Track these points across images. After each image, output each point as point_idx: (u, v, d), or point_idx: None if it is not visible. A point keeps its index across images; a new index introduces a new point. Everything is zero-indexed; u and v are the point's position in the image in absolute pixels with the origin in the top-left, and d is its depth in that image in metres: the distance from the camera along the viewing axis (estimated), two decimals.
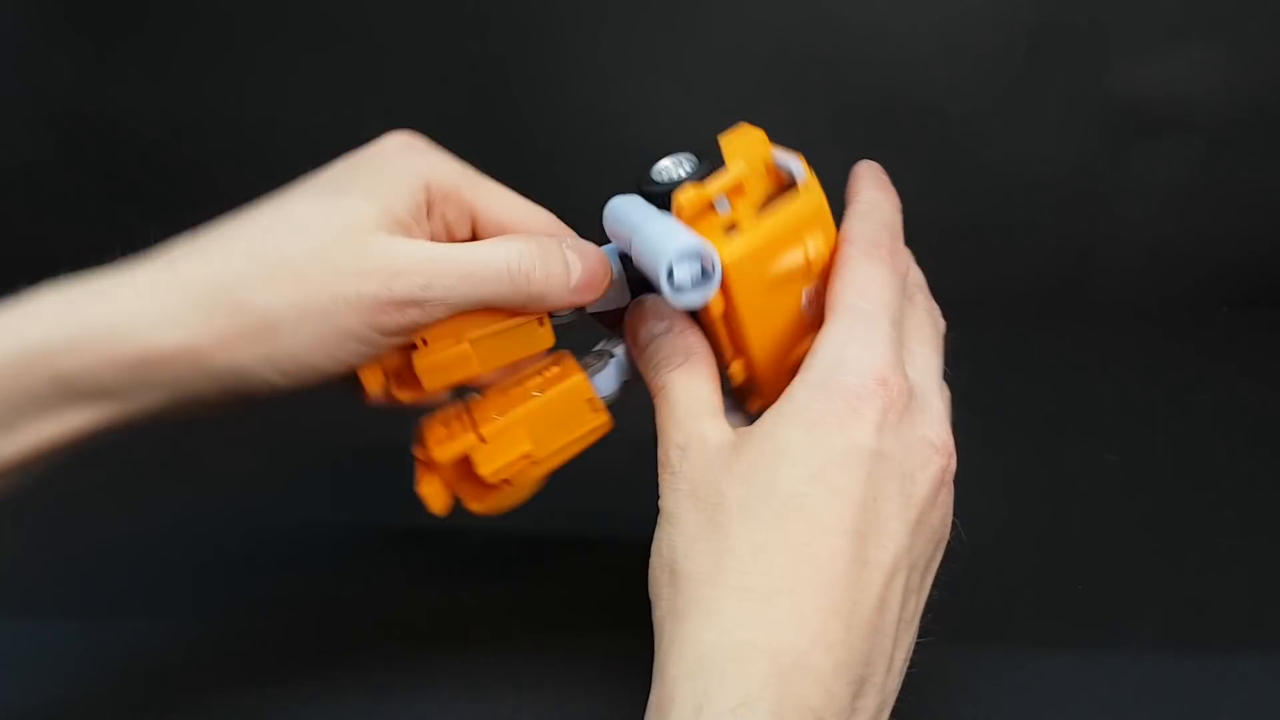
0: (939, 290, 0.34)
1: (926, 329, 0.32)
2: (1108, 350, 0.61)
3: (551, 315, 0.33)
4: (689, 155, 0.32)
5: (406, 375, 0.33)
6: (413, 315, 0.29)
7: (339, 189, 0.30)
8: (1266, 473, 0.48)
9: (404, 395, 0.33)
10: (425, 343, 0.32)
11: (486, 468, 0.32)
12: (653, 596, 0.28)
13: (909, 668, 0.29)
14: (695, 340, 0.31)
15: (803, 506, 0.26)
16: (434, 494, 0.34)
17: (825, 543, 0.26)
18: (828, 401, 0.27)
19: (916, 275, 0.34)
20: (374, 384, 0.32)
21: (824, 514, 0.26)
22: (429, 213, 0.32)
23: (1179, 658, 0.36)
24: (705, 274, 0.29)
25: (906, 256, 0.32)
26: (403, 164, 0.32)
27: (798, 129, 0.64)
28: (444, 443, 0.33)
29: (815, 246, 0.30)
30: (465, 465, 0.33)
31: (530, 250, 0.31)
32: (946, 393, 0.31)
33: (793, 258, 0.30)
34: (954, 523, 0.30)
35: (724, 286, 0.30)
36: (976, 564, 0.41)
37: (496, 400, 0.33)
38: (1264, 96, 0.61)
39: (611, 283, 0.33)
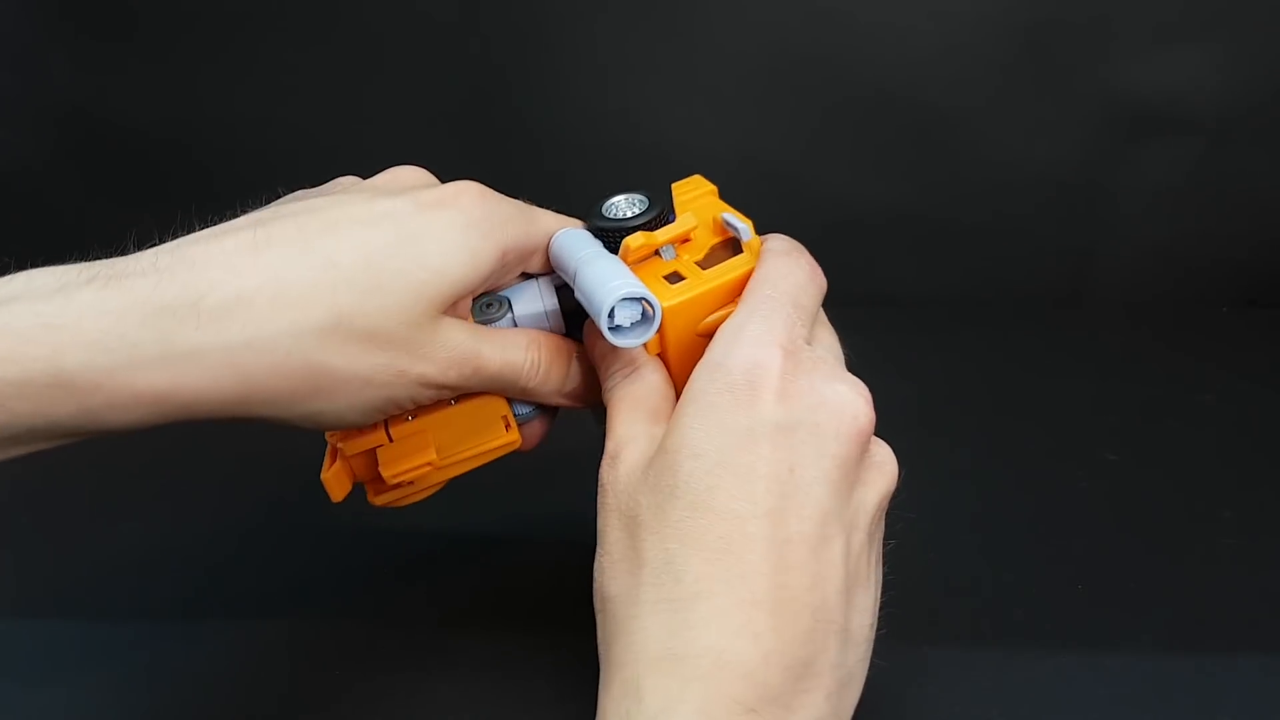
0: (939, 290, 0.34)
1: (823, 319, 0.32)
2: (1108, 350, 0.61)
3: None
4: (641, 196, 0.33)
5: (370, 472, 0.34)
6: (439, 395, 0.31)
7: (421, 244, 0.29)
8: (1266, 473, 0.48)
9: (378, 500, 0.35)
10: (391, 439, 0.33)
11: (388, 470, 0.33)
12: (598, 621, 0.28)
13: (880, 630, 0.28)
14: (641, 352, 0.31)
15: (711, 499, 0.25)
16: (337, 482, 0.34)
17: (739, 532, 0.25)
18: (724, 379, 0.27)
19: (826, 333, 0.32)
20: (339, 491, 0.34)
21: (733, 501, 0.25)
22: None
23: (1179, 658, 0.36)
24: (645, 317, 0.30)
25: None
26: (487, 233, 0.30)
27: (798, 129, 0.65)
28: (353, 436, 0.33)
29: None
30: (372, 458, 0.33)
31: (543, 360, 0.32)
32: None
33: (727, 314, 0.31)
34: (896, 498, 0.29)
35: (660, 329, 0.30)
36: (976, 564, 0.41)
37: None
38: (1264, 96, 0.61)
39: (548, 316, 0.34)
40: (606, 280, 0.29)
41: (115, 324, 0.25)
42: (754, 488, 0.25)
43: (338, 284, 0.27)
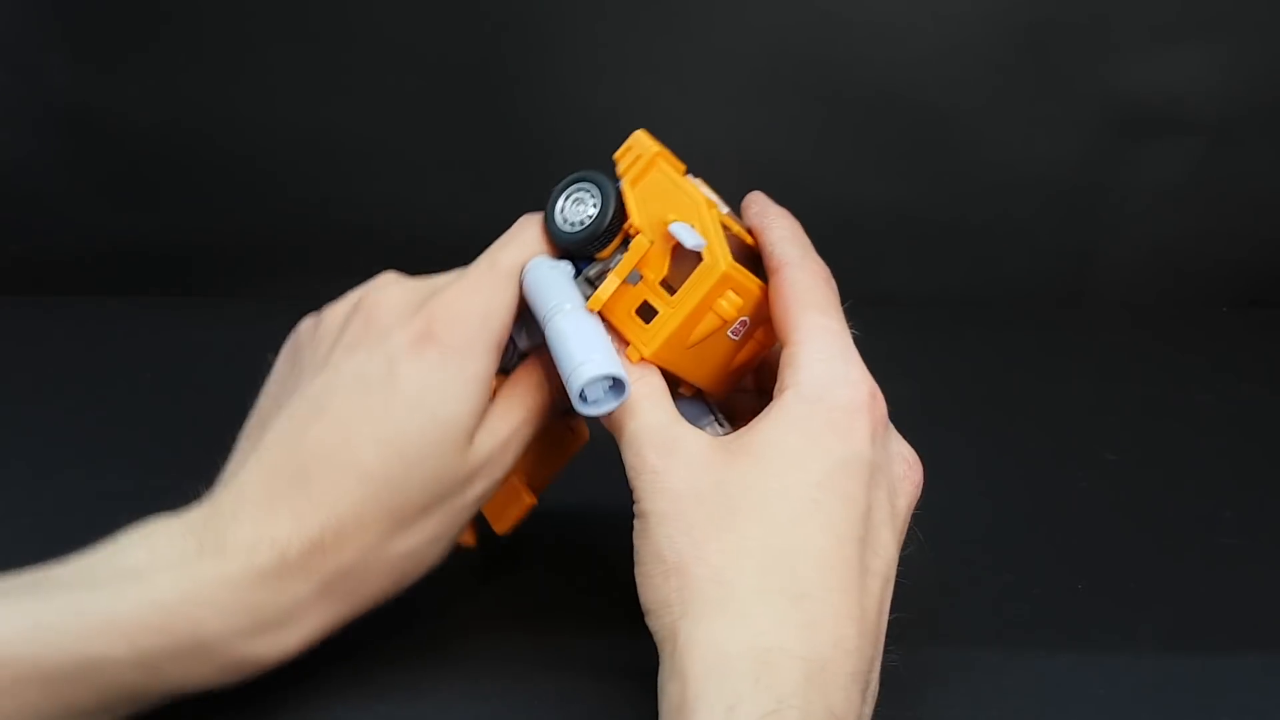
0: (940, 290, 0.34)
1: None
2: (1108, 350, 0.61)
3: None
4: (589, 190, 0.33)
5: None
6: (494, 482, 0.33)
7: (428, 409, 0.31)
8: (1266, 473, 0.48)
9: (502, 528, 0.37)
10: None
11: (500, 525, 0.36)
12: (653, 602, 0.28)
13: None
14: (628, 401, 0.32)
15: (817, 512, 0.27)
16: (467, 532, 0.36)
17: (840, 549, 0.27)
18: (827, 414, 0.28)
19: None
20: (469, 538, 0.37)
21: (837, 520, 0.27)
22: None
23: (1179, 658, 0.36)
24: (617, 384, 0.30)
25: None
26: (469, 345, 0.31)
27: (797, 129, 0.65)
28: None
29: (729, 303, 0.31)
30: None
31: (545, 398, 0.34)
32: None
33: (709, 323, 0.31)
34: (912, 528, 0.31)
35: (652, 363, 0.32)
36: (976, 564, 0.41)
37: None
38: (1264, 96, 0.61)
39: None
40: (574, 355, 0.30)
41: (236, 594, 0.29)
42: (852, 513, 0.27)
43: (379, 490, 0.30)
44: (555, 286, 0.32)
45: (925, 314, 0.63)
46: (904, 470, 0.30)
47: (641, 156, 0.33)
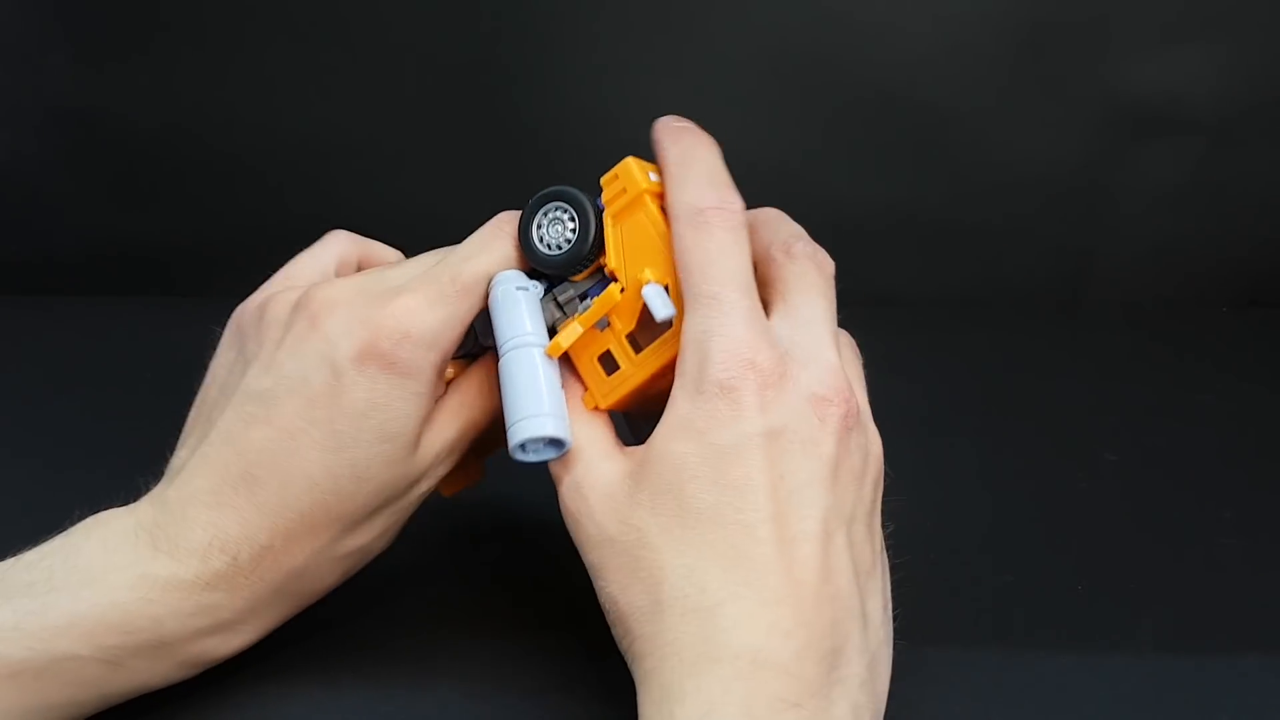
0: (939, 290, 0.34)
1: (810, 276, 0.30)
2: (1108, 350, 0.61)
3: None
4: (566, 214, 0.32)
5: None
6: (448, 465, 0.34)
7: (369, 420, 0.30)
8: (1266, 473, 0.48)
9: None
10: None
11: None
12: (620, 648, 0.28)
13: (896, 614, 0.29)
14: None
15: (718, 515, 0.26)
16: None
17: (749, 539, 0.26)
18: (705, 403, 0.27)
19: (792, 228, 0.32)
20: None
21: (739, 514, 0.26)
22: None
23: (1179, 658, 0.36)
24: (556, 441, 0.30)
25: (741, 206, 0.30)
26: (428, 368, 0.31)
27: (797, 129, 0.65)
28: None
29: None
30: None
31: (474, 409, 0.33)
32: (844, 336, 0.31)
33: (669, 379, 0.30)
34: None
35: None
36: (976, 564, 0.41)
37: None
38: (1264, 96, 0.61)
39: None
40: (519, 406, 0.30)
41: (189, 597, 0.30)
42: (755, 497, 0.26)
43: (328, 498, 0.30)
44: (519, 315, 0.31)
45: (925, 314, 0.63)
46: (821, 412, 0.27)
47: (628, 191, 0.31)
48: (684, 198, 0.29)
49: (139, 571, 0.29)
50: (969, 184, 0.64)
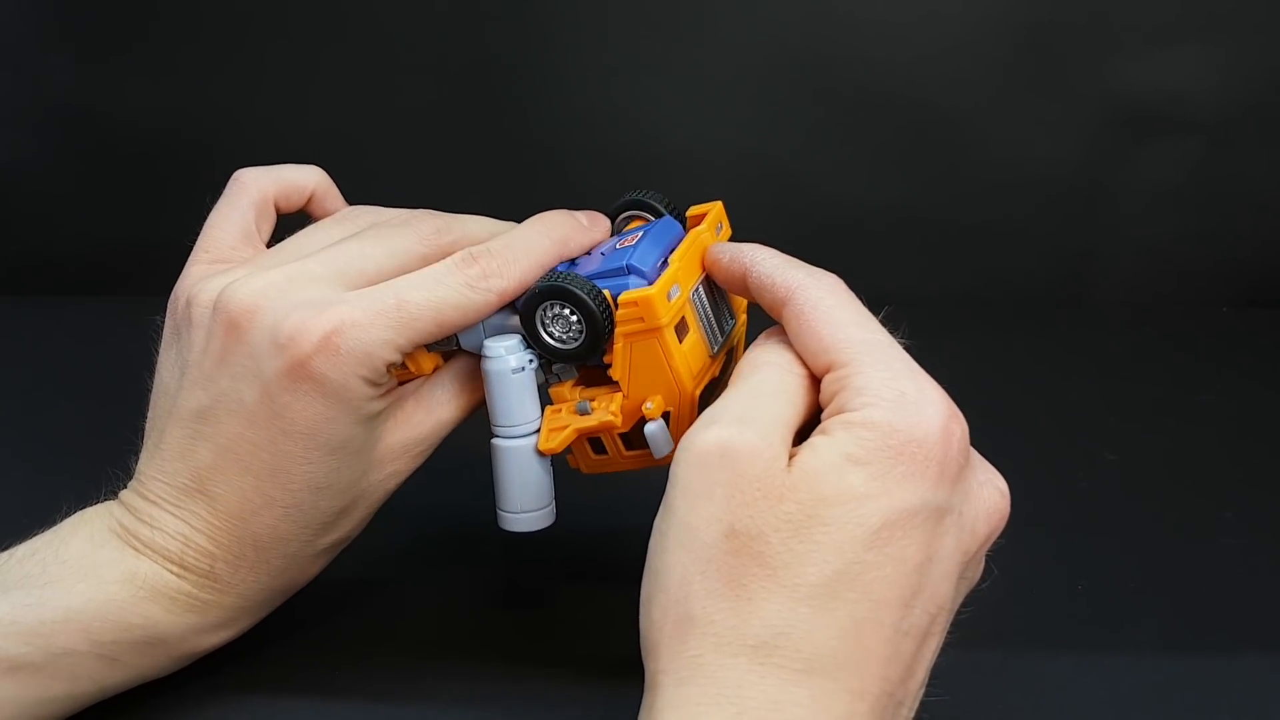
0: (939, 290, 0.34)
1: None
2: (1108, 350, 0.61)
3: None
4: (568, 306, 0.30)
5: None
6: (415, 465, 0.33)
7: (317, 429, 0.29)
8: (1266, 473, 0.48)
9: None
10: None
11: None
12: (649, 642, 0.24)
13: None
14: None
15: (859, 576, 0.23)
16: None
17: (873, 619, 0.23)
18: (899, 448, 0.24)
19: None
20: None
21: (880, 585, 0.23)
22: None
23: (1179, 658, 0.36)
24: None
25: None
26: (359, 383, 0.29)
27: (798, 129, 0.65)
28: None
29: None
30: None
31: (472, 399, 0.33)
32: None
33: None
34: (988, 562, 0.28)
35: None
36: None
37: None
38: (1264, 96, 0.61)
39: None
40: (509, 497, 0.32)
41: (175, 602, 0.30)
42: (900, 575, 0.23)
43: (291, 514, 0.30)
44: (515, 402, 0.31)
45: (925, 314, 0.63)
46: (992, 505, 0.26)
47: (645, 321, 0.29)
48: (796, 273, 0.28)
49: (126, 569, 0.29)
50: (969, 184, 0.64)
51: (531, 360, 0.31)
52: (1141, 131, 0.62)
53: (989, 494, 0.26)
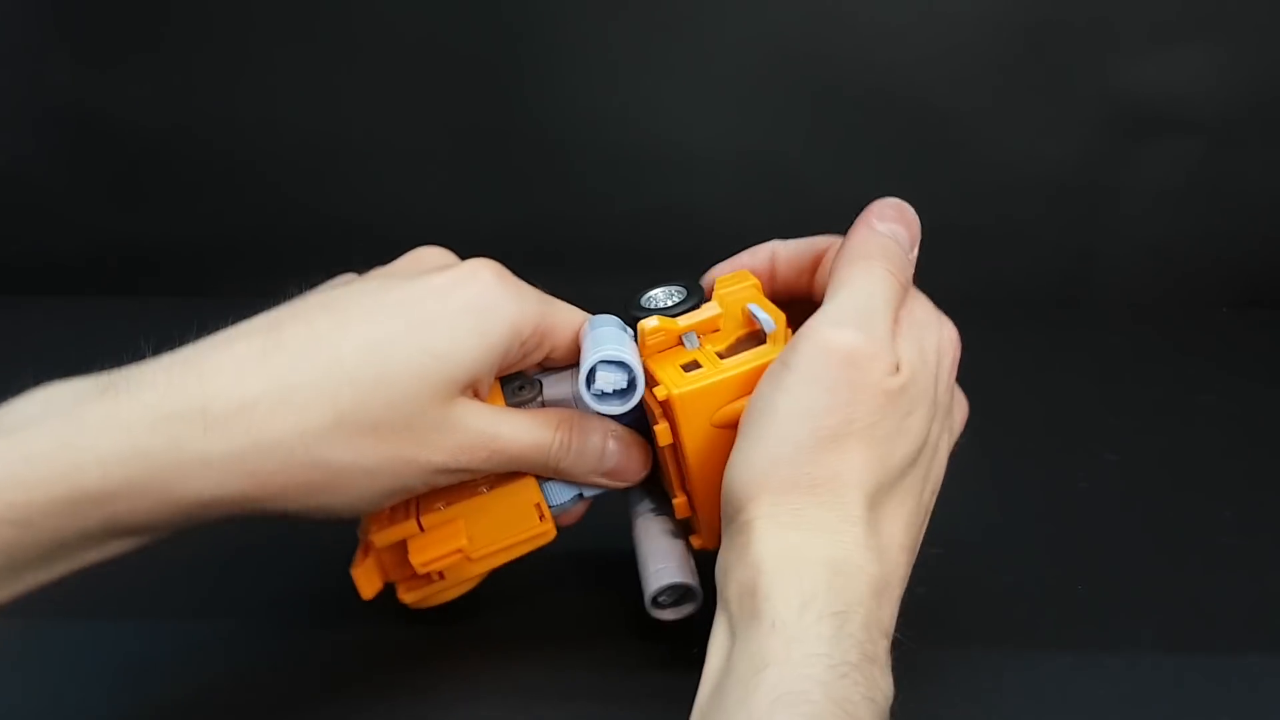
0: (939, 290, 0.34)
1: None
2: (1108, 350, 0.61)
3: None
4: (680, 288, 0.33)
5: (401, 571, 0.34)
6: (459, 478, 0.31)
7: (429, 330, 0.29)
8: (1266, 473, 0.48)
9: (409, 597, 0.35)
10: (422, 529, 0.33)
11: (418, 558, 0.33)
12: (739, 483, 0.28)
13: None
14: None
15: (927, 458, 0.30)
16: (367, 578, 0.34)
17: (912, 488, 0.30)
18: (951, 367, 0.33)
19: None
20: (370, 588, 0.34)
21: (925, 460, 0.30)
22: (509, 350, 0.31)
23: (1179, 658, 0.36)
24: (631, 387, 0.30)
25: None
26: (498, 314, 0.30)
27: (798, 129, 0.65)
28: (385, 528, 0.33)
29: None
30: (402, 553, 0.33)
31: (574, 439, 0.32)
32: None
33: (743, 404, 0.30)
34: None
35: (670, 419, 0.31)
36: (977, 564, 0.41)
37: (444, 491, 0.33)
38: (1264, 96, 0.61)
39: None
40: (595, 346, 0.30)
41: (125, 436, 0.26)
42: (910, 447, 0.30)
43: (341, 383, 0.28)
44: (612, 322, 0.33)
45: None
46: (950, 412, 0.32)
47: (742, 281, 0.34)
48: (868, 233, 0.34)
49: (73, 414, 0.26)
50: (969, 184, 0.64)
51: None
52: (1142, 132, 0.62)
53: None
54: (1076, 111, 0.62)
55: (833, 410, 0.28)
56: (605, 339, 0.30)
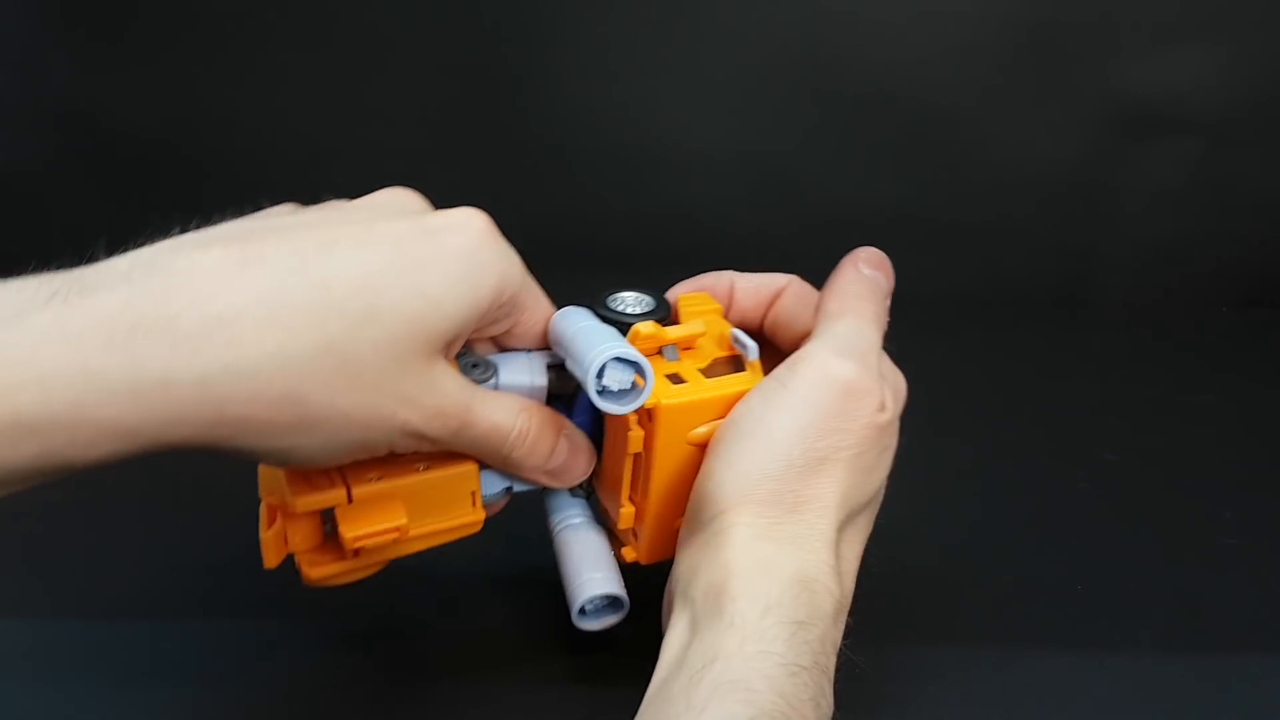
0: (939, 290, 0.34)
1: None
2: (1108, 350, 0.61)
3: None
4: (648, 296, 0.34)
5: (309, 541, 0.31)
6: (415, 448, 0.28)
7: (422, 272, 0.26)
8: (1266, 473, 0.48)
9: (315, 572, 0.31)
10: (351, 499, 0.30)
11: (351, 530, 0.29)
12: (714, 487, 0.29)
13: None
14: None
15: (873, 470, 0.31)
16: (273, 545, 0.30)
17: (867, 511, 0.31)
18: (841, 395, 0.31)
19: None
20: (275, 556, 0.30)
21: (866, 482, 0.31)
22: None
23: (1179, 658, 0.36)
24: (635, 388, 0.29)
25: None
26: (489, 268, 0.28)
27: (798, 129, 0.65)
28: (306, 493, 0.29)
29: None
30: (317, 524, 0.30)
31: (532, 429, 0.30)
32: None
33: (715, 425, 0.30)
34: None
35: (649, 428, 0.30)
36: (976, 564, 0.41)
37: (380, 462, 0.30)
38: (1264, 96, 0.61)
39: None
40: (601, 341, 0.29)
41: (74, 353, 0.22)
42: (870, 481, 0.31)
43: (330, 309, 0.25)
44: (590, 315, 0.32)
45: (925, 314, 0.63)
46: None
47: (704, 304, 0.35)
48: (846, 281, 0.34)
49: (15, 324, 0.22)
50: (969, 184, 0.64)
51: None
52: (1142, 131, 0.62)
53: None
54: (1077, 111, 0.62)
55: (826, 435, 0.29)
56: (608, 335, 0.30)
